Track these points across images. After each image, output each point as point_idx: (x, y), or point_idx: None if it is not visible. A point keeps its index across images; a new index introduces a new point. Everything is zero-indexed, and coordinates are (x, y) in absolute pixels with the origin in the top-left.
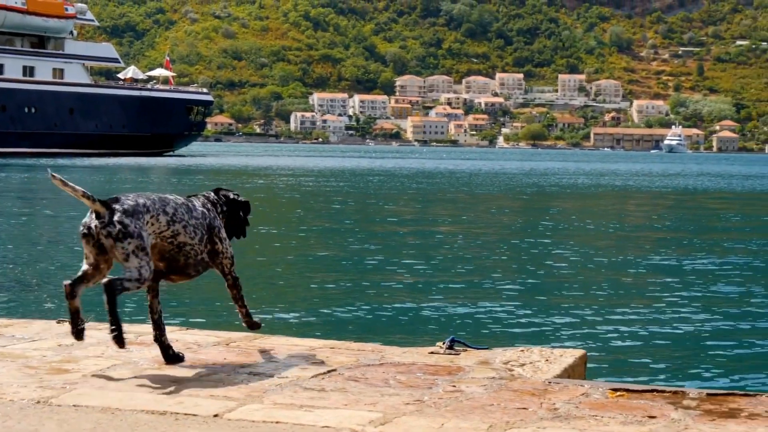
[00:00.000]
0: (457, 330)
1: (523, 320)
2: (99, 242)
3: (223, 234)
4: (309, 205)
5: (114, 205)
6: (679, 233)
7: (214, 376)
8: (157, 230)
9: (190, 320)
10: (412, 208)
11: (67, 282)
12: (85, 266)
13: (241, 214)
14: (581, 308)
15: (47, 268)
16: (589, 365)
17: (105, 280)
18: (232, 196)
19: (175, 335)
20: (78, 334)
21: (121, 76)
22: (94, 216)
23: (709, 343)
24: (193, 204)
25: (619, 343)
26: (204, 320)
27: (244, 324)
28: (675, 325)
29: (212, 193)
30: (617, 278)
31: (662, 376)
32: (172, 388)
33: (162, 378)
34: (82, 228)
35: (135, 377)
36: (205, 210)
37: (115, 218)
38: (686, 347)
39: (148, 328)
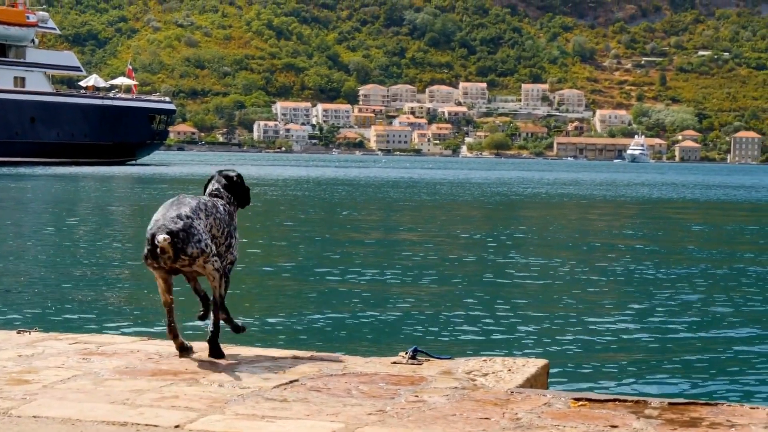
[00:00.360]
0: (419, 340)
1: (486, 330)
2: (172, 269)
3: (237, 234)
4: (273, 214)
5: (174, 238)
6: (641, 242)
7: (175, 386)
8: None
9: (152, 330)
10: (375, 216)
11: (167, 330)
12: (163, 295)
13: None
14: (544, 317)
15: (8, 278)
16: (551, 374)
17: (213, 319)
18: (233, 176)
19: (136, 345)
20: (186, 352)
21: (82, 83)
22: (159, 251)
23: (671, 352)
24: (217, 204)
25: (582, 352)
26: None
27: (210, 329)
28: (637, 334)
29: (225, 192)
30: (580, 287)
31: (624, 385)
32: (133, 399)
33: (123, 388)
34: (149, 260)
35: (96, 388)
36: (225, 211)
37: (181, 254)
38: (648, 356)
39: (109, 338)
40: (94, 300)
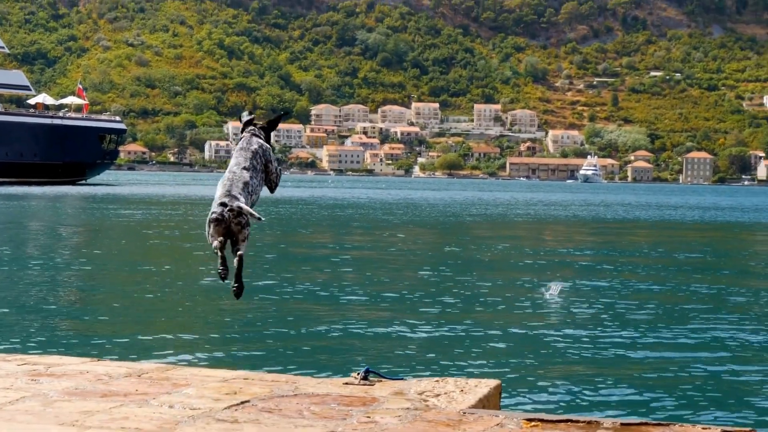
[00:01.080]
0: (371, 360)
1: (438, 350)
2: (229, 226)
3: (272, 156)
4: None
5: (239, 205)
6: (593, 260)
7: (125, 407)
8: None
9: (101, 351)
10: (327, 237)
11: (218, 241)
12: (217, 240)
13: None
14: (497, 337)
15: None
16: (504, 395)
17: (240, 253)
18: (260, 124)
19: (86, 366)
20: (225, 274)
21: (31, 101)
22: (226, 209)
23: (623, 371)
24: (253, 163)
25: (534, 372)
26: (115, 351)
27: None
28: (590, 353)
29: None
30: (532, 307)
31: (577, 405)
32: (82, 420)
33: (72, 410)
34: (215, 215)
35: (44, 409)
36: (260, 149)
37: (243, 219)
38: (601, 376)
39: (58, 360)
40: (43, 321)
